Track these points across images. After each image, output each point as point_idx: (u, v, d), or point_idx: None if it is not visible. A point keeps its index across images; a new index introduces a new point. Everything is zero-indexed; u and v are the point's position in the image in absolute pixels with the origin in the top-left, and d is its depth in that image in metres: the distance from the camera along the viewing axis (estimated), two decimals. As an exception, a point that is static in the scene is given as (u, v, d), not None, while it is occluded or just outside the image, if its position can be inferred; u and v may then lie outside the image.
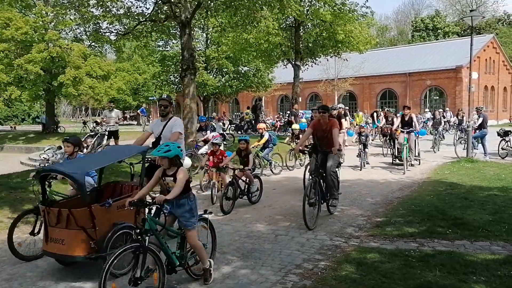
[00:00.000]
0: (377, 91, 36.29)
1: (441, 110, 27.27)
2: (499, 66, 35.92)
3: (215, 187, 7.43)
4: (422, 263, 4.17)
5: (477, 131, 12.62)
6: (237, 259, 4.58)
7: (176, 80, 30.97)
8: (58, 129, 30.28)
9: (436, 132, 15.90)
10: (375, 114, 18.68)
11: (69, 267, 4.45)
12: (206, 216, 4.14)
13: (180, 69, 12.83)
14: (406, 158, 10.42)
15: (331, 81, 31.94)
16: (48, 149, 16.62)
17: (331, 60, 24.27)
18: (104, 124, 12.63)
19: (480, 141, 12.69)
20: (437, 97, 33.84)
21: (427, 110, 27.91)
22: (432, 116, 22.75)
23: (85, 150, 11.44)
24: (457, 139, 15.65)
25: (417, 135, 11.44)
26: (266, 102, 41.11)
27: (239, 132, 22.90)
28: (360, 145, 11.43)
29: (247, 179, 7.17)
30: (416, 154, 11.32)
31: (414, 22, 54.49)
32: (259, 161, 10.47)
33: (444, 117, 21.09)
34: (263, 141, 10.49)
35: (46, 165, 14.96)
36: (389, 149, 13.23)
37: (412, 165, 10.88)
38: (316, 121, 6.52)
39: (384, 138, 14.07)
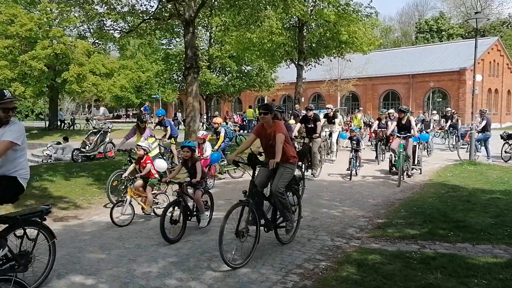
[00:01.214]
0: (380, 92, 36.22)
1: (434, 112, 26.89)
2: (503, 68, 35.77)
3: (125, 204, 6.10)
4: (423, 265, 4.16)
5: (480, 134, 12.58)
6: (238, 257, 4.57)
7: (179, 78, 31.00)
8: (74, 126, 30.34)
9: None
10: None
11: (71, 264, 4.46)
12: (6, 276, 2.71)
13: (183, 68, 12.84)
14: (402, 168, 8.97)
15: (334, 81, 31.90)
16: (51, 145, 16.70)
17: (334, 61, 24.23)
18: (95, 121, 12.53)
19: (483, 144, 12.65)
20: (440, 99, 33.74)
21: (434, 112, 27.45)
22: (437, 118, 21.62)
23: (87, 147, 11.46)
24: (453, 144, 15.01)
25: (419, 141, 10.39)
26: (269, 102, 41.10)
27: (245, 132, 22.94)
28: (352, 152, 10.01)
29: (195, 203, 5.70)
30: (416, 162, 10.14)
31: (418, 24, 54.32)
32: (220, 168, 9.70)
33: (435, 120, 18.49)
34: (221, 140, 9.87)
35: (48, 161, 15.09)
36: (382, 155, 12.20)
37: (409, 175, 9.55)
38: (260, 126, 5.09)
39: (377, 143, 12.37)
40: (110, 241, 5.29)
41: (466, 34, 48.19)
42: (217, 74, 30.10)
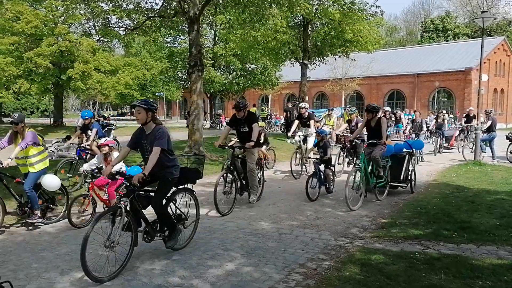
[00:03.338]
0: (385, 91, 36.06)
1: (444, 111, 25.84)
2: (509, 68, 35.51)
3: None
4: (427, 266, 4.14)
5: (486, 134, 12.50)
6: (241, 256, 4.57)
7: (184, 76, 31.06)
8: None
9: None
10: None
11: (74, 261, 4.48)
12: None
13: (187, 66, 12.86)
14: (359, 187, 6.73)
15: (338, 80, 31.80)
16: (56, 142, 16.79)
17: (339, 60, 24.14)
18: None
19: (488, 144, 12.57)
20: (445, 99, 33.54)
21: (444, 112, 26.25)
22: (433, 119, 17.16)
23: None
24: (437, 146, 13.99)
25: (411, 150, 8.07)
26: (273, 101, 41.05)
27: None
28: (316, 163, 7.48)
29: None
30: (403, 177, 7.78)
31: (423, 23, 53.98)
32: None
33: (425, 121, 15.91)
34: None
35: (53, 157, 15.15)
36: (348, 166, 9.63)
37: (378, 198, 7.18)
38: None
39: (348, 151, 9.57)
40: (114, 238, 5.29)
41: (472, 33, 47.84)
42: (221, 72, 30.11)
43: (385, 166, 7.31)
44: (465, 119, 15.26)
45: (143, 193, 4.43)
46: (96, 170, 5.86)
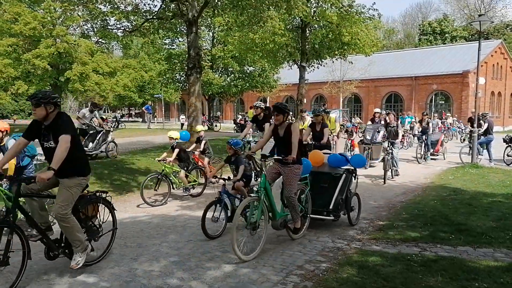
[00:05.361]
0: (383, 94, 36.18)
1: (449, 114, 24.91)
2: (506, 71, 35.71)
3: None
4: (424, 268, 4.16)
5: (483, 137, 12.57)
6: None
7: (182, 78, 31.06)
8: (119, 126, 28.64)
9: (389, 148, 9.80)
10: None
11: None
12: None
13: (186, 68, 12.89)
14: (257, 226, 4.61)
15: (336, 83, 31.91)
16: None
17: (337, 62, 24.21)
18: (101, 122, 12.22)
19: (485, 147, 12.64)
20: (443, 102, 33.69)
21: (448, 114, 24.82)
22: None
23: (90, 145, 11.50)
24: (421, 153, 12.72)
25: (352, 168, 5.95)
26: (271, 103, 41.11)
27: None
28: (222, 186, 5.56)
29: None
30: (333, 203, 5.55)
31: (421, 26, 54.25)
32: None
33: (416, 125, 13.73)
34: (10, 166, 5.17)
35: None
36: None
37: (295, 229, 5.04)
38: None
39: None
40: (112, 240, 5.30)
41: (470, 36, 48.11)
42: (220, 74, 30.15)
43: (303, 191, 5.28)
44: (470, 122, 14.23)
45: None
46: None
